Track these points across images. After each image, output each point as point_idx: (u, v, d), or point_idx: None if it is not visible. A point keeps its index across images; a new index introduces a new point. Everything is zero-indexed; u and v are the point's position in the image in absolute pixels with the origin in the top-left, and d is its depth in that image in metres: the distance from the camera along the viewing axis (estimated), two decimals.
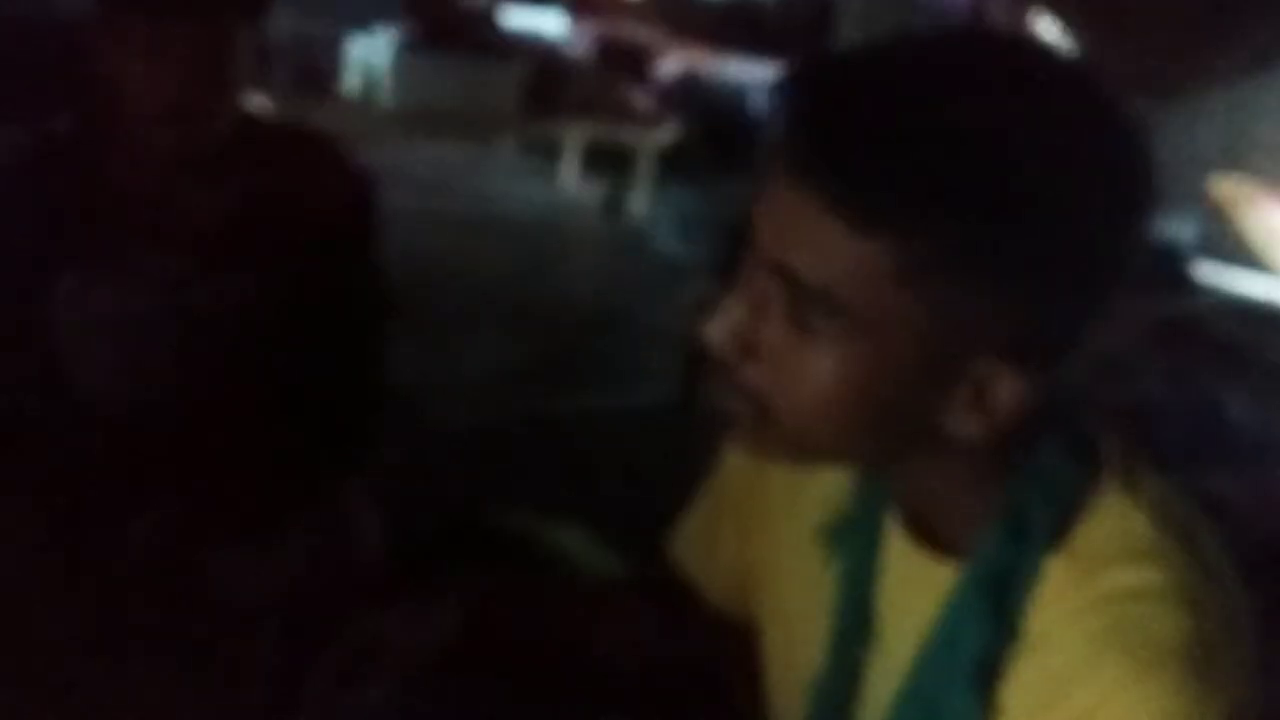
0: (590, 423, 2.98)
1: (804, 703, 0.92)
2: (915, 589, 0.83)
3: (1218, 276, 5.35)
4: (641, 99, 5.16)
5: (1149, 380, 3.36)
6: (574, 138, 5.21)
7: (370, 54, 4.36)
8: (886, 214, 0.69)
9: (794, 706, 0.94)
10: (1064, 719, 0.74)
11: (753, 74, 6.66)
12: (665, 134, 5.04)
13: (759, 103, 5.57)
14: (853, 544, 0.88)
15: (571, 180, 5.44)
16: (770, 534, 0.97)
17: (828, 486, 0.90)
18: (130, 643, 1.38)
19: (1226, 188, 6.24)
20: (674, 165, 5.09)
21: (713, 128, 5.34)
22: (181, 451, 1.48)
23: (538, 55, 4.98)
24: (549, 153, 5.56)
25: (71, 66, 1.49)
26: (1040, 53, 0.79)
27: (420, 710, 1.02)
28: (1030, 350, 0.72)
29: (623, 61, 5.93)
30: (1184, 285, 4.94)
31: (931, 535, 0.83)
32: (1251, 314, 4.47)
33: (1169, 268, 4.98)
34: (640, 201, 5.02)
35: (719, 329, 0.75)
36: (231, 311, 1.49)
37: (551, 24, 6.42)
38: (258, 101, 3.83)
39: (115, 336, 1.49)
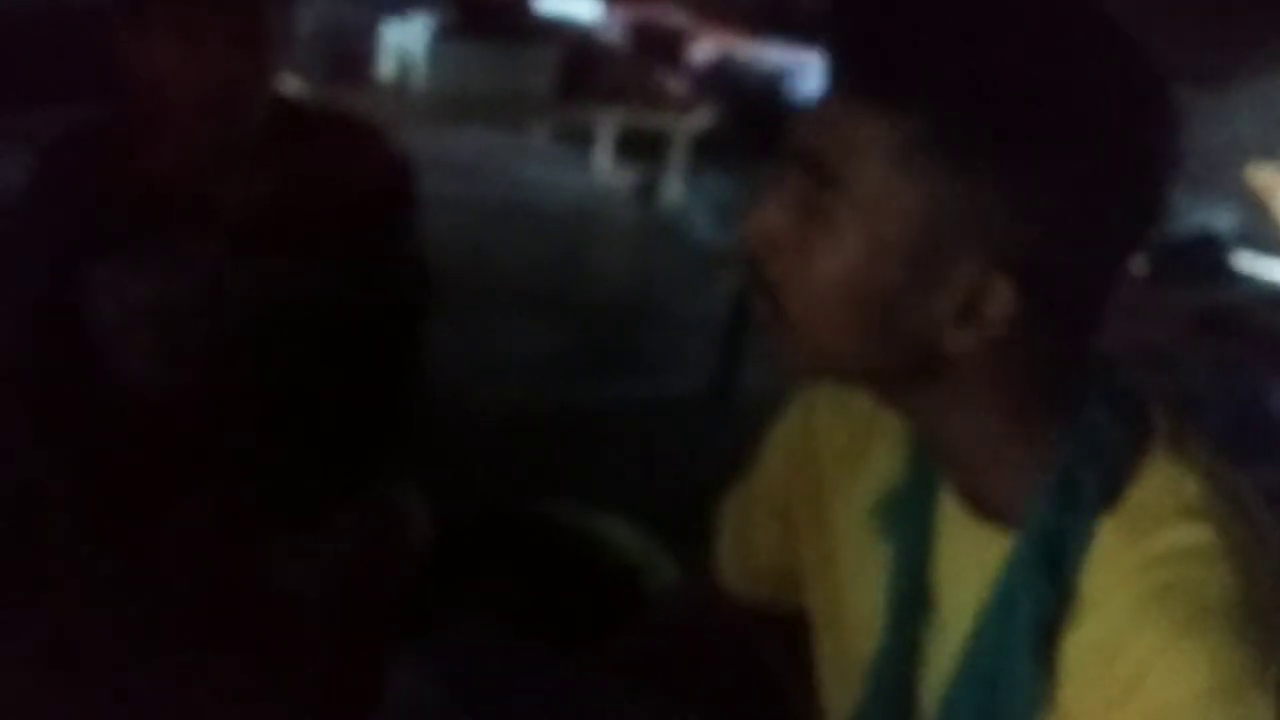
0: (623, 410, 2.98)
1: (864, 683, 0.92)
2: (971, 560, 0.84)
3: (1259, 266, 5.28)
4: (675, 85, 5.13)
5: (1192, 371, 3.32)
6: (608, 124, 5.19)
7: (406, 40, 4.35)
8: (891, 88, 0.73)
9: (852, 689, 0.94)
10: (1118, 678, 0.75)
11: (787, 60, 6.61)
12: (699, 120, 5.01)
13: (793, 89, 5.53)
14: (907, 520, 0.88)
15: (605, 166, 5.41)
16: (821, 524, 0.97)
17: (881, 469, 0.91)
18: (175, 627, 1.39)
19: (1266, 176, 6.16)
20: (708, 151, 5.06)
21: (747, 114, 5.30)
22: (224, 437, 1.49)
23: (572, 41, 4.96)
24: (583, 138, 5.54)
25: (110, 53, 1.47)
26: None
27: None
28: (1024, 264, 0.74)
29: (657, 47, 5.89)
30: (1225, 275, 4.88)
31: (985, 505, 0.83)
32: None
33: (1209, 258, 4.92)
34: (674, 188, 4.99)
35: (750, 227, 0.80)
36: (271, 296, 1.49)
37: (585, 9, 6.40)
38: (295, 88, 3.85)
39: (155, 322, 1.49)
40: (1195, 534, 0.76)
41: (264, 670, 1.41)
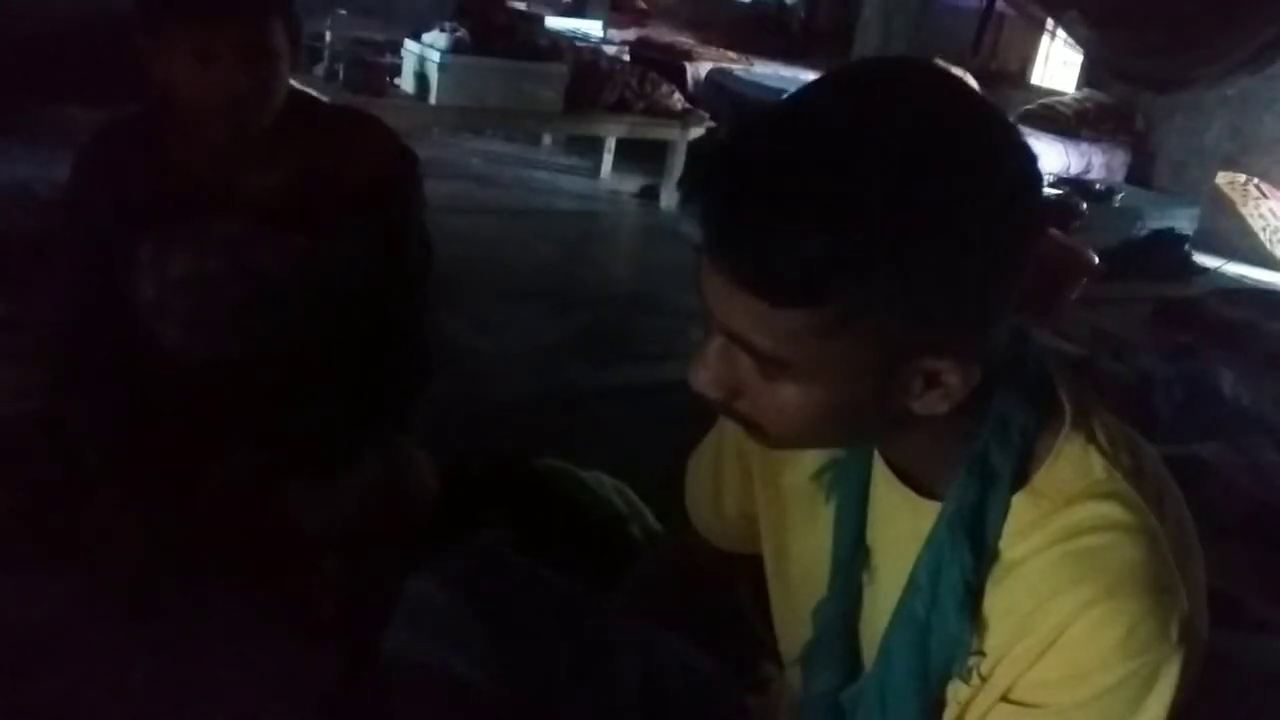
0: (623, 394, 3.01)
1: (811, 626, 0.97)
2: (904, 523, 0.88)
3: (1213, 263, 5.31)
4: (675, 99, 5.17)
5: (1149, 357, 3.36)
6: (612, 133, 5.24)
7: (424, 56, 4.39)
8: (791, 290, 0.71)
9: (801, 630, 0.99)
10: (1038, 634, 0.80)
11: (776, 75, 6.66)
12: (696, 130, 5.06)
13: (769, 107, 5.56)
14: (846, 485, 0.93)
15: (610, 173, 5.47)
16: (774, 480, 1.02)
17: None
18: (214, 564, 1.44)
19: (1227, 181, 6.18)
20: (690, 167, 5.09)
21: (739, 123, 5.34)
22: (253, 397, 1.54)
23: (580, 57, 5.00)
24: (589, 146, 5.58)
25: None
26: (927, 84, 0.76)
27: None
28: (959, 340, 0.76)
29: (658, 63, 5.94)
30: (1184, 271, 4.91)
31: (913, 480, 0.88)
32: (1245, 298, 4.43)
33: (1170, 255, 4.95)
34: (673, 192, 5.04)
35: (702, 381, 0.81)
36: (291, 269, 1.54)
37: (592, 27, 6.45)
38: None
39: (190, 296, 1.55)
40: (1102, 509, 0.79)
41: (289, 601, 1.47)
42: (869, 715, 0.91)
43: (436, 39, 4.37)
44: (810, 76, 1.01)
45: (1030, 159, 0.75)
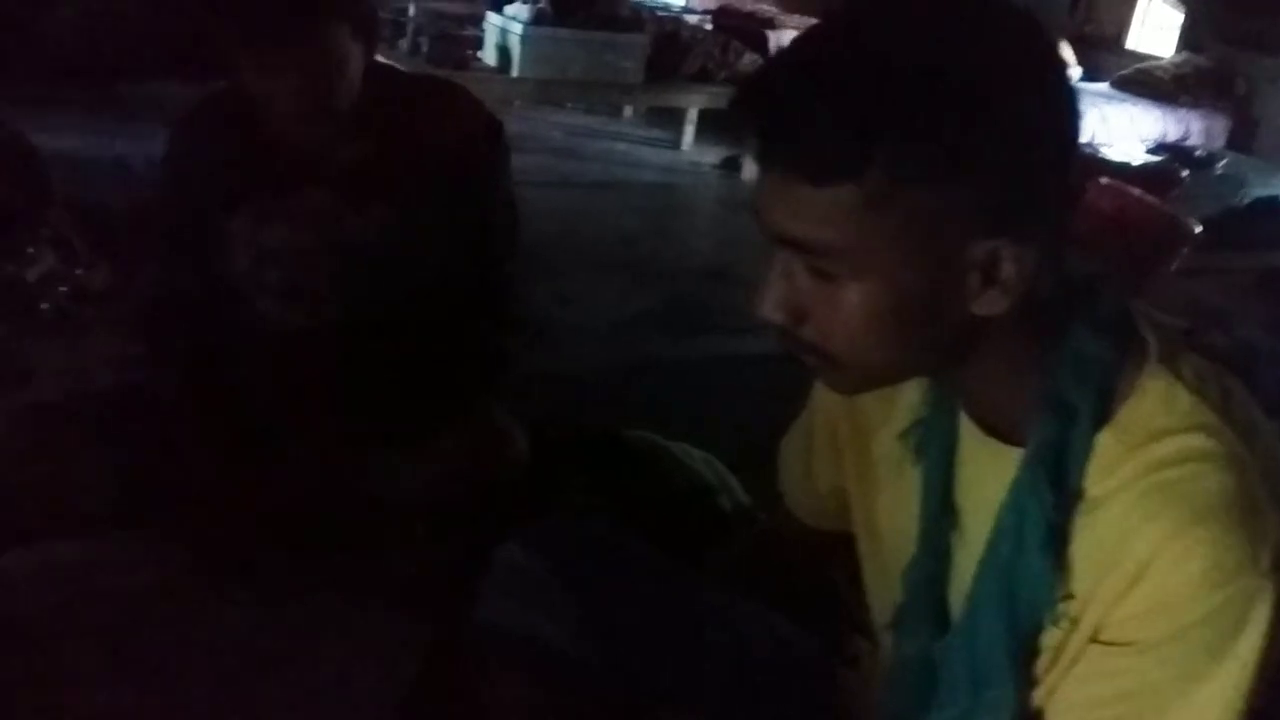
0: (706, 366, 3.00)
1: (901, 589, 0.96)
2: (988, 476, 0.86)
3: None
4: (757, 65, 5.11)
5: (1252, 328, 3.24)
6: (693, 104, 5.20)
7: (506, 28, 4.40)
8: (827, 166, 0.72)
9: (892, 595, 0.98)
10: (1124, 570, 0.78)
11: None
12: None
13: None
14: (932, 444, 0.92)
15: (691, 143, 5.43)
16: (863, 448, 1.01)
17: (909, 401, 0.95)
18: (306, 532, 1.47)
19: None
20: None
21: None
22: (343, 366, 1.56)
23: (660, 27, 4.97)
24: (670, 117, 5.55)
25: None
26: None
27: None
28: (1013, 221, 0.75)
29: (740, 31, 5.87)
30: None
31: (996, 426, 0.86)
32: None
33: (1274, 224, 4.76)
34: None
35: (766, 306, 0.80)
36: (379, 239, 1.56)
37: None
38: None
39: (282, 266, 1.57)
40: (1188, 441, 0.77)
41: (379, 568, 1.49)
42: (960, 667, 0.90)
43: (518, 11, 4.38)
44: None
45: (1055, 49, 0.78)
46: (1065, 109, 0.77)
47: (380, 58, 1.57)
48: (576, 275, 3.49)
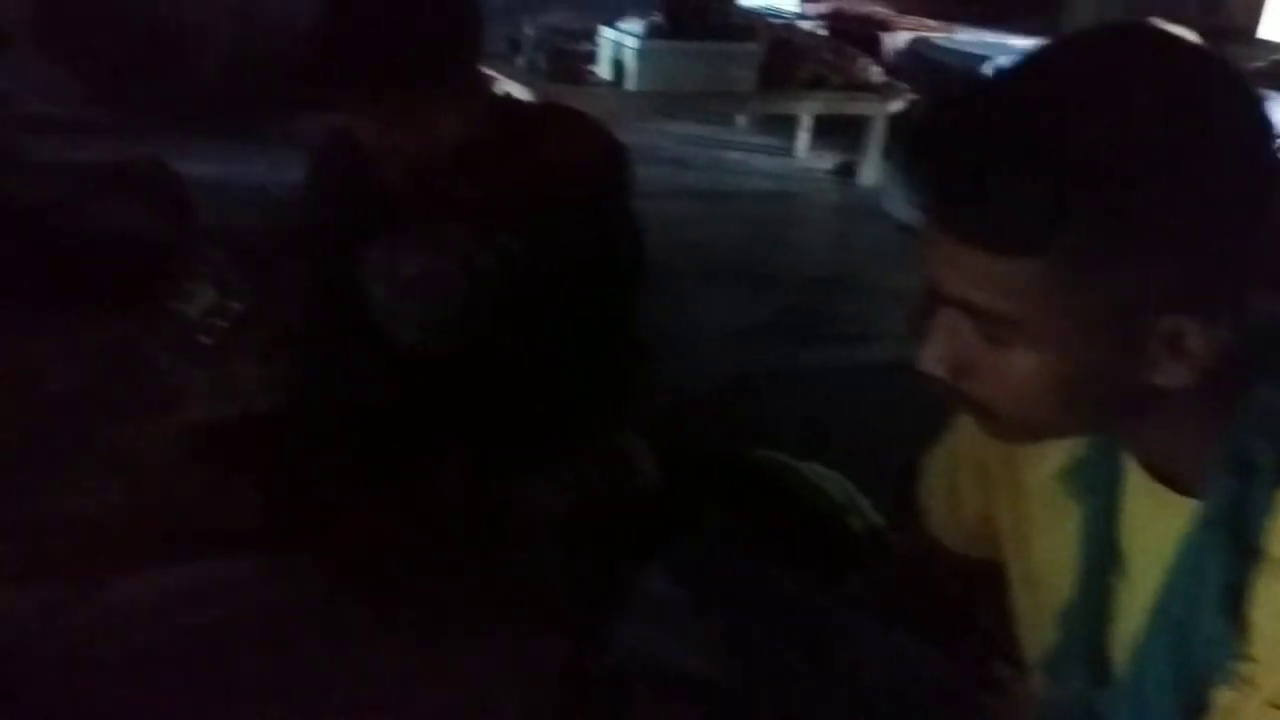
0: (826, 378, 2.98)
1: (1056, 630, 0.94)
2: (1157, 522, 0.84)
3: None
4: (872, 71, 5.05)
5: None
6: (808, 110, 5.16)
7: (621, 42, 4.44)
8: (1020, 237, 0.69)
9: (1044, 633, 0.95)
10: None
11: (982, 44, 6.40)
12: (895, 104, 4.93)
13: (987, 72, 5.34)
14: (1094, 485, 0.89)
15: (806, 150, 5.40)
16: (1015, 482, 0.99)
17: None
18: (443, 555, 1.51)
19: None
20: (903, 133, 4.96)
21: (941, 96, 5.16)
22: (478, 393, 1.60)
23: (774, 34, 4.95)
24: (784, 124, 5.52)
25: None
26: (1155, 41, 0.73)
27: None
28: (1198, 298, 0.71)
29: (854, 35, 5.81)
30: None
31: (1167, 474, 0.83)
32: None
33: None
34: (871, 169, 4.94)
35: (929, 361, 0.78)
36: (512, 270, 1.59)
37: (786, 2, 6.37)
38: (521, 89, 3.99)
39: (419, 297, 1.61)
40: None
41: (514, 592, 1.52)
42: None
43: (632, 24, 4.41)
44: (1017, 42, 0.99)
45: (1263, 112, 0.72)
46: (1269, 173, 0.72)
47: (496, 74, 1.60)
48: (691, 286, 3.50)
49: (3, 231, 2.25)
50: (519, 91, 3.86)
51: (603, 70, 4.53)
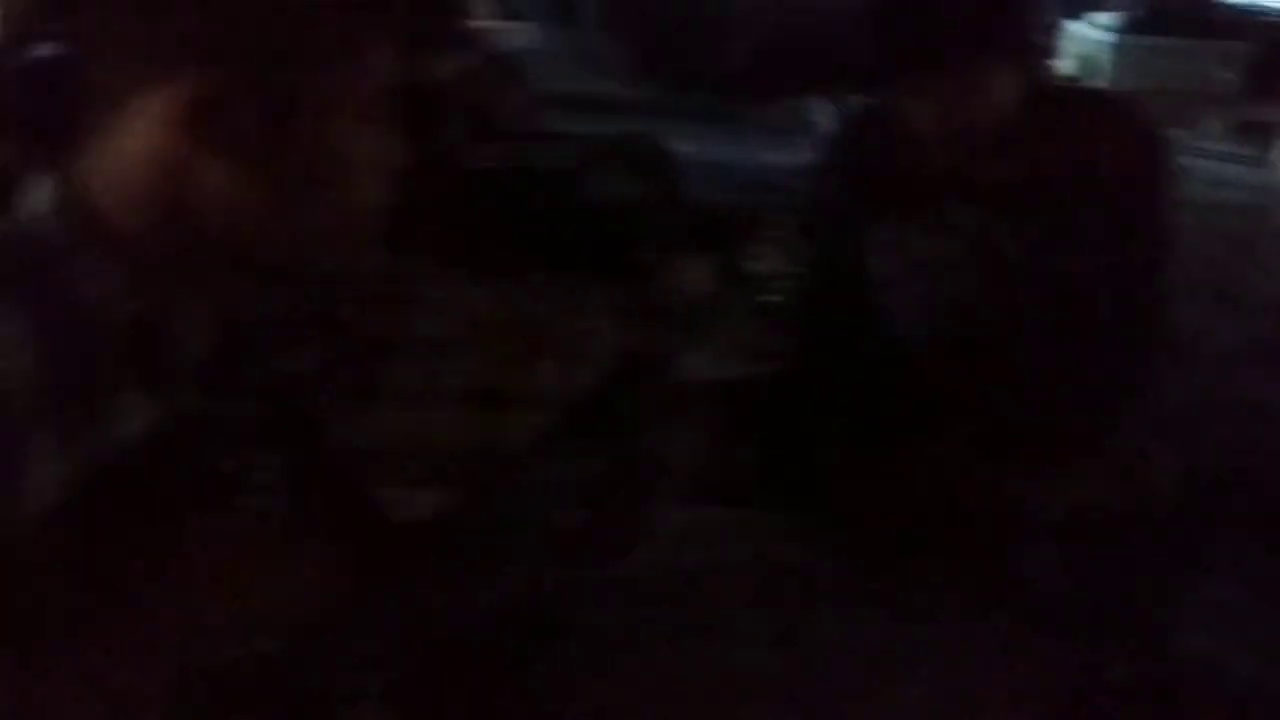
0: None
1: None
2: None
3: None
4: None
5: None
6: None
7: (1090, 36, 4.23)
8: None
9: None
10: None
11: None
12: None
13: None
14: None
15: None
16: None
17: None
18: (936, 540, 1.51)
19: None
20: None
21: None
22: (986, 380, 1.59)
23: (1267, 34, 4.51)
24: (1258, 131, 5.02)
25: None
26: None
27: None
28: None
29: None
30: None
31: None
32: None
33: None
34: None
35: None
36: (1029, 257, 1.56)
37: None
38: None
39: (929, 277, 1.63)
40: None
41: (1011, 587, 1.50)
42: None
43: (1106, 18, 4.19)
44: None
45: None
46: None
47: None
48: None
49: (523, 195, 2.49)
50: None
51: (1065, 66, 4.33)
